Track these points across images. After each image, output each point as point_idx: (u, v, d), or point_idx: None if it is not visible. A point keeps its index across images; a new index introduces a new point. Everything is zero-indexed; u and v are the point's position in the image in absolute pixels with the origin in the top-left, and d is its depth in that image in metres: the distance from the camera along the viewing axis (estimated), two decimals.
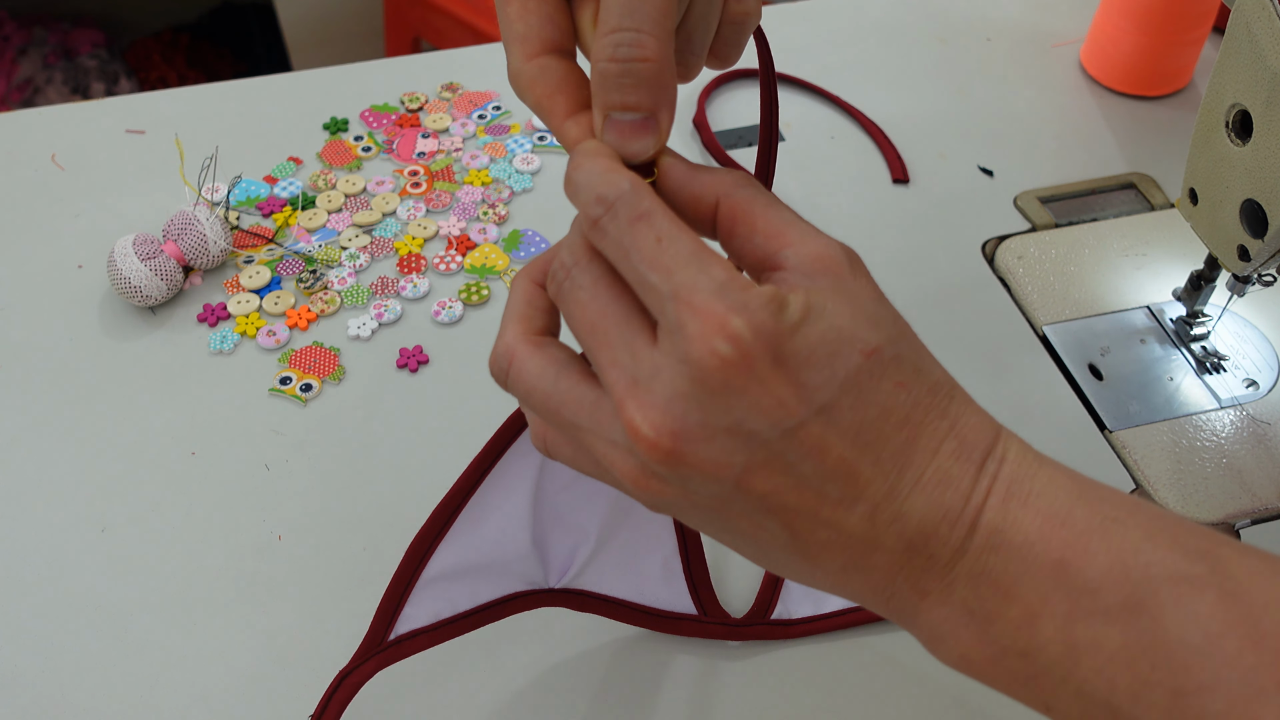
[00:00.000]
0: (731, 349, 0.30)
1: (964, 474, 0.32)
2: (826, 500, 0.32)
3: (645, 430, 0.32)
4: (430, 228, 0.67)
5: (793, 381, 0.31)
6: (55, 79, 1.72)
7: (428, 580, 0.46)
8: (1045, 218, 0.69)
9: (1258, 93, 0.47)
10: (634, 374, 0.32)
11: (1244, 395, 0.59)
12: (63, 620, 0.50)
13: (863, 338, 0.32)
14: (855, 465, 0.32)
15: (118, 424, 0.57)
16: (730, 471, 0.32)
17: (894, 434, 0.32)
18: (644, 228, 0.32)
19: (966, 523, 0.32)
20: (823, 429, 0.32)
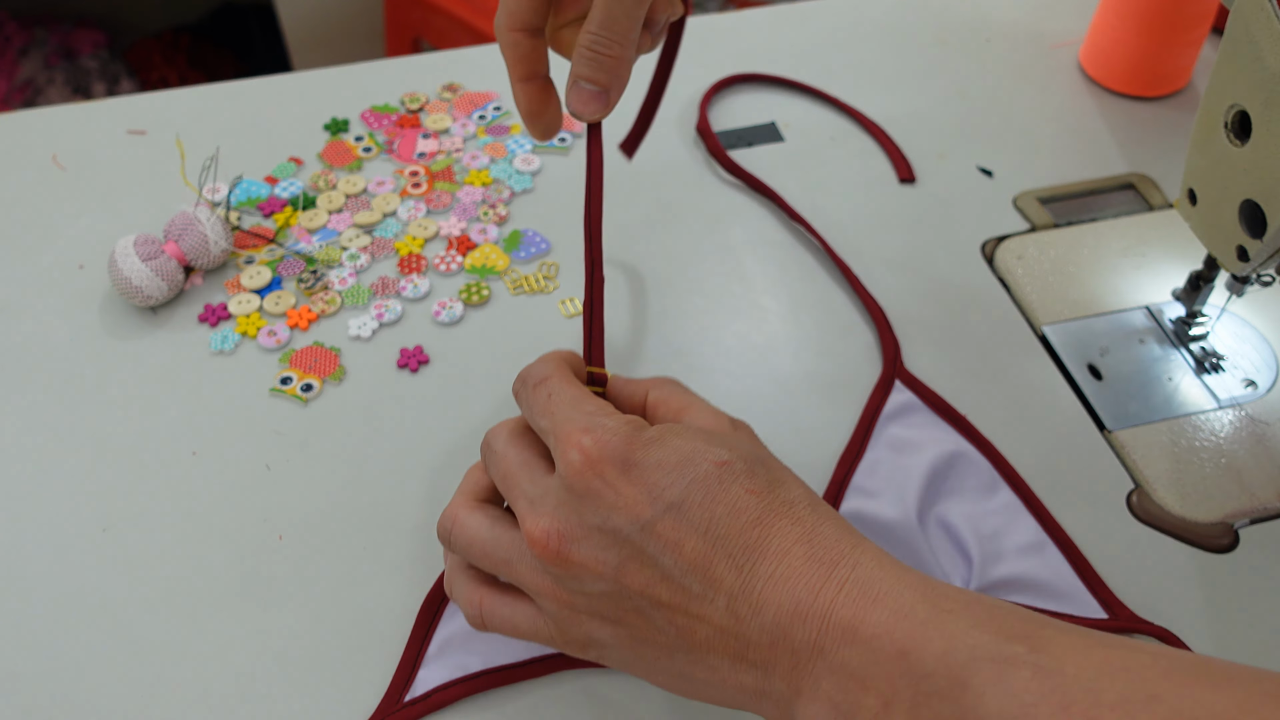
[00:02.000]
0: (581, 458, 0.39)
1: (814, 574, 0.37)
2: (691, 595, 0.38)
3: (537, 535, 0.39)
4: (430, 228, 0.67)
5: (641, 483, 0.39)
6: (57, 79, 1.72)
7: (441, 644, 0.48)
8: (1045, 218, 0.69)
9: (1257, 93, 0.47)
10: (531, 497, 0.41)
11: (1243, 395, 0.59)
12: (63, 620, 0.50)
13: (714, 452, 0.39)
14: (709, 559, 0.37)
15: (118, 424, 0.57)
16: (608, 567, 0.39)
17: (745, 531, 0.38)
18: (541, 389, 0.43)
19: (819, 618, 0.36)
20: (674, 524, 0.38)
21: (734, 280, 0.65)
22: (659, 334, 0.62)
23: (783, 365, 0.61)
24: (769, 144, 0.73)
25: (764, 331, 0.62)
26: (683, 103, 0.76)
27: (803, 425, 0.58)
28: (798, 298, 0.64)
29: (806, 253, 0.67)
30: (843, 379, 0.60)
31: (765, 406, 0.59)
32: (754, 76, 0.78)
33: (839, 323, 0.63)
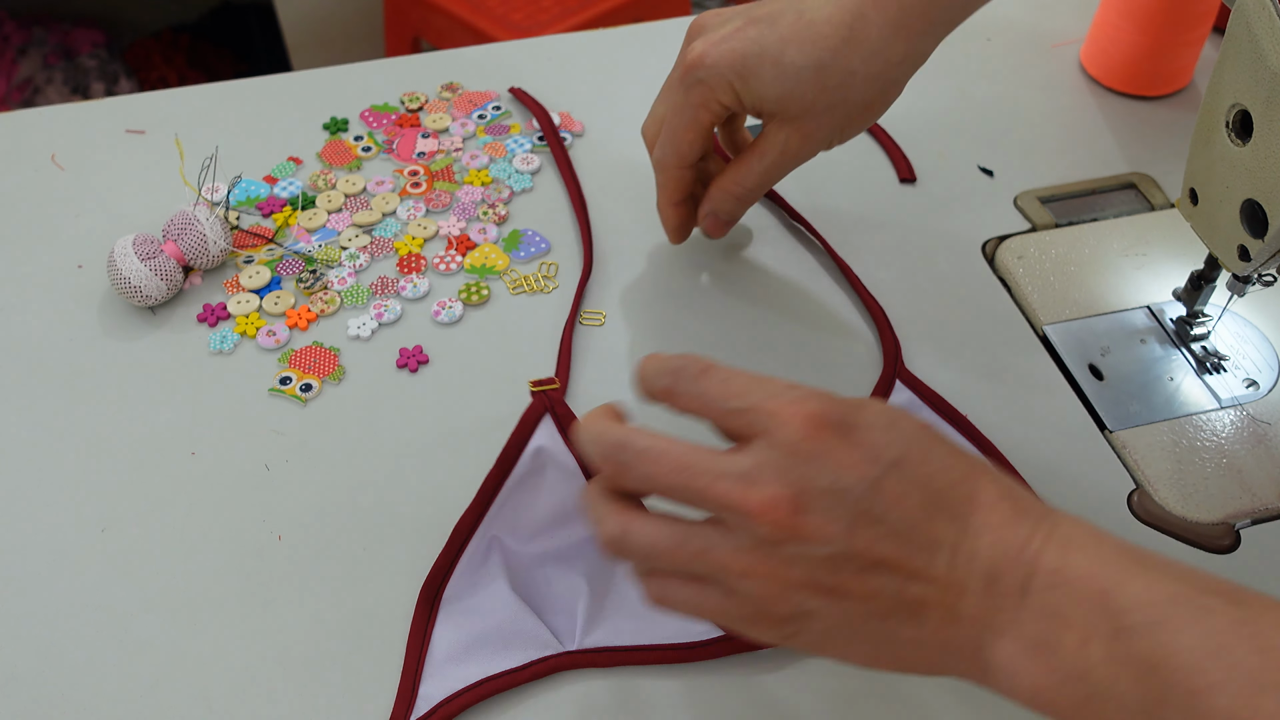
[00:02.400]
0: (804, 423, 0.39)
1: (1021, 526, 0.38)
2: (915, 548, 0.38)
3: (765, 503, 0.38)
4: (430, 228, 0.67)
5: (864, 444, 0.39)
6: (55, 79, 1.72)
7: (437, 663, 0.48)
8: (1045, 218, 0.69)
9: (1258, 93, 0.47)
10: (739, 473, 0.39)
11: (1244, 395, 0.59)
12: (63, 620, 0.50)
13: (912, 417, 0.41)
14: (931, 513, 0.39)
15: (118, 424, 0.57)
16: (839, 527, 0.38)
17: (956, 486, 0.39)
18: (711, 376, 0.41)
19: (1028, 563, 0.37)
20: (898, 481, 0.39)
21: (733, 280, 0.65)
22: (658, 333, 0.62)
23: (781, 365, 0.60)
24: None
25: (763, 331, 0.62)
26: None
27: None
28: (798, 297, 0.64)
29: (807, 252, 0.67)
30: (842, 378, 0.60)
31: None
32: None
33: (839, 322, 0.63)
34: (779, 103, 0.54)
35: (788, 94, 0.53)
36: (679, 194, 0.59)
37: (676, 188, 0.59)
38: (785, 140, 0.55)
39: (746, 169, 0.57)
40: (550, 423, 0.53)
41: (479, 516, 0.52)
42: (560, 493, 0.52)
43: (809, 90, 0.53)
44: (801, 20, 0.52)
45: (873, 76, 0.53)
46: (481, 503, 0.52)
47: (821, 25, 0.52)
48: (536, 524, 0.52)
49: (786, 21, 0.53)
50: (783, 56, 0.52)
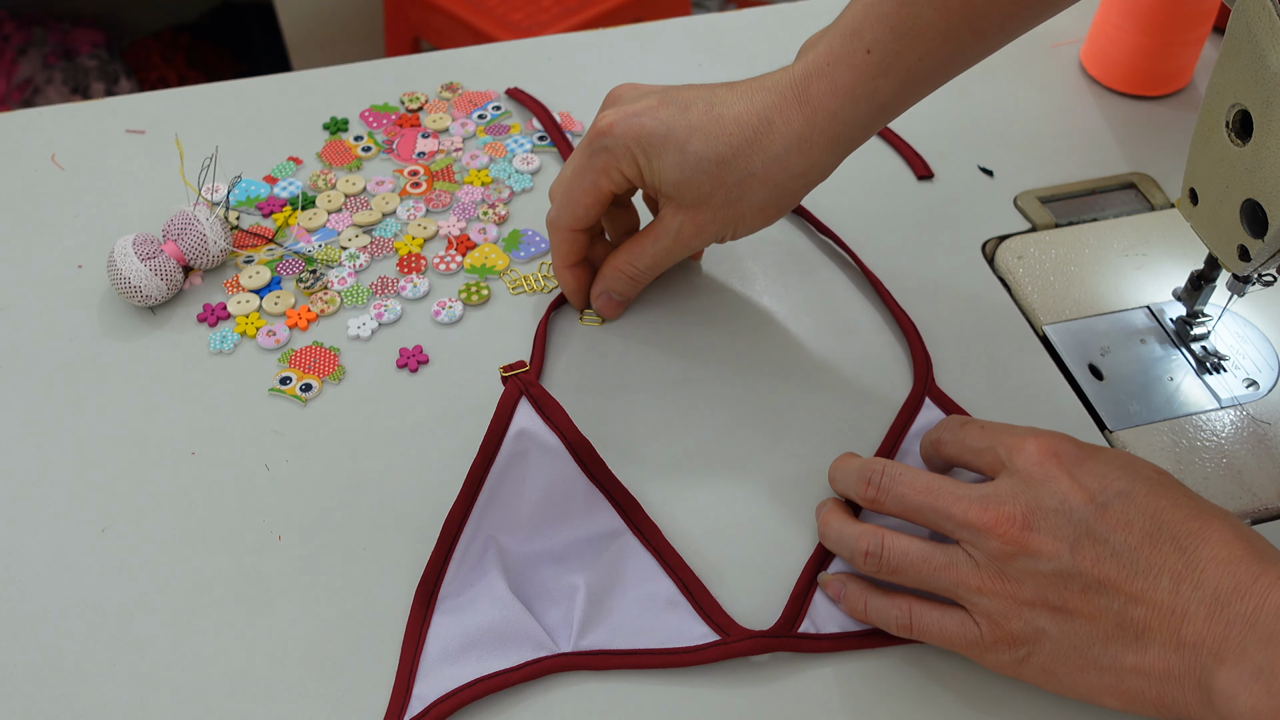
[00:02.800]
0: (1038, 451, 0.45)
1: (1255, 564, 0.40)
2: (1137, 571, 0.42)
3: (1001, 518, 0.44)
4: (430, 228, 0.67)
5: (1092, 474, 0.44)
6: (55, 79, 1.72)
7: (431, 662, 0.48)
8: (1045, 218, 0.69)
9: (1258, 93, 0.47)
10: (978, 495, 0.45)
11: (1244, 395, 0.59)
12: (63, 620, 0.50)
13: (1151, 466, 0.45)
14: (1155, 539, 0.42)
15: (118, 424, 0.57)
16: (1064, 544, 0.43)
17: (1187, 521, 0.42)
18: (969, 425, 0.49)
19: (1259, 595, 0.39)
20: (1123, 508, 0.43)
21: (744, 286, 0.65)
22: (658, 336, 0.62)
23: (798, 373, 0.60)
24: None
25: (776, 341, 0.62)
26: None
27: (827, 437, 0.58)
28: (819, 305, 0.64)
29: (832, 264, 0.67)
30: (865, 391, 0.59)
31: (792, 416, 0.59)
32: None
33: (863, 334, 0.62)
34: (677, 187, 0.54)
35: (686, 180, 0.53)
36: (572, 257, 0.59)
37: (570, 250, 0.59)
38: (680, 226, 0.56)
39: (640, 250, 0.58)
40: (528, 405, 0.53)
41: (467, 507, 0.51)
42: (548, 474, 0.52)
43: (707, 181, 0.53)
44: (712, 113, 0.53)
45: (771, 182, 0.54)
46: (468, 493, 0.51)
47: (729, 122, 0.53)
48: (529, 510, 0.52)
49: (697, 111, 0.53)
50: (688, 144, 0.53)
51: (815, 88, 0.52)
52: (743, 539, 0.53)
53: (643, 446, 0.57)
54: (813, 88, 0.52)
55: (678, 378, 0.60)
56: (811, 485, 0.55)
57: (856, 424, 0.58)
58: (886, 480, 0.48)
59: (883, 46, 0.51)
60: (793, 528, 0.53)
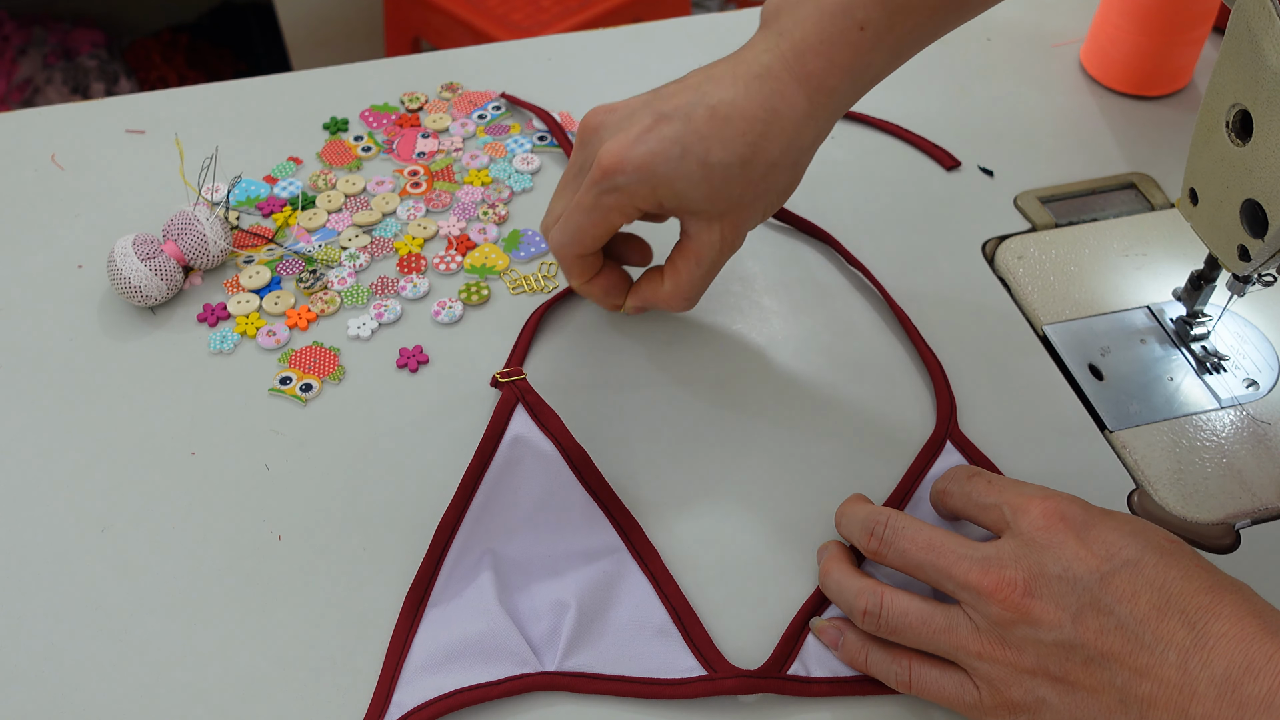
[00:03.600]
0: (1044, 515, 0.43)
1: (1269, 641, 0.38)
2: (1142, 645, 0.40)
3: (1002, 583, 0.42)
4: (430, 228, 0.67)
5: (1099, 541, 0.42)
6: (55, 79, 1.72)
7: (413, 671, 0.47)
8: (1045, 218, 0.69)
9: (1258, 93, 0.47)
10: (979, 557, 0.44)
11: (1244, 395, 0.59)
12: (63, 620, 0.50)
13: (1163, 533, 0.43)
14: (1163, 612, 0.40)
15: (118, 424, 0.57)
16: (1066, 614, 0.41)
17: (1198, 594, 0.40)
18: (978, 478, 0.48)
19: (1272, 677, 0.37)
20: (1130, 578, 0.41)
21: (755, 296, 0.65)
22: (657, 342, 0.62)
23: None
24: None
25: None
26: None
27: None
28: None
29: (855, 291, 0.66)
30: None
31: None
32: None
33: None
34: (707, 200, 0.52)
35: (715, 192, 0.52)
36: (589, 272, 0.57)
37: (583, 269, 0.56)
38: (719, 237, 0.53)
39: (687, 276, 0.55)
40: (524, 411, 0.53)
41: (460, 514, 0.51)
42: (543, 482, 0.52)
43: (736, 185, 0.52)
44: (716, 117, 0.50)
45: (790, 163, 0.53)
46: (461, 500, 0.51)
47: (738, 120, 0.51)
48: (524, 520, 0.52)
49: (700, 117, 0.51)
50: (708, 156, 0.50)
51: (812, 66, 0.51)
52: (742, 570, 0.52)
53: (645, 461, 0.57)
54: (809, 66, 0.51)
55: (687, 396, 0.60)
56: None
57: (871, 462, 0.56)
58: (889, 533, 0.47)
59: (876, 23, 0.51)
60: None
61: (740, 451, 0.56)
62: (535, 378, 0.59)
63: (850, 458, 0.56)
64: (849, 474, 0.56)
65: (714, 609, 0.50)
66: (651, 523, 0.53)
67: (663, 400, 0.59)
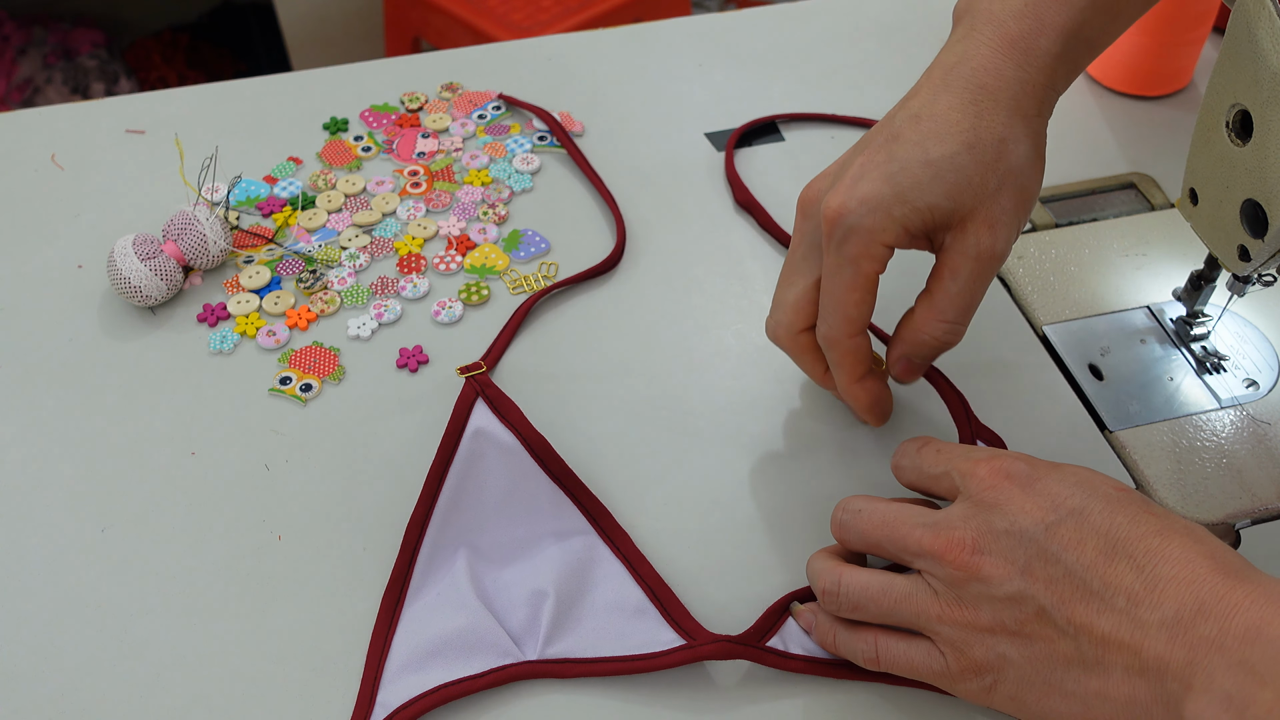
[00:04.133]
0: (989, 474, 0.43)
1: (1219, 581, 0.38)
2: (1090, 591, 0.40)
3: (951, 543, 0.43)
4: (430, 228, 0.67)
5: (1044, 494, 0.42)
6: (55, 79, 1.72)
7: (395, 670, 0.47)
8: (1045, 218, 0.69)
9: (1258, 93, 0.47)
10: (929, 522, 0.44)
11: (1244, 395, 0.59)
12: (63, 620, 0.50)
13: (1112, 482, 0.43)
14: (1110, 558, 0.40)
15: (118, 424, 0.57)
16: (1015, 567, 0.41)
17: (1146, 538, 0.40)
18: (928, 448, 0.48)
19: (1222, 617, 0.37)
20: (1076, 526, 0.41)
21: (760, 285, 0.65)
22: (657, 340, 0.62)
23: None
24: (769, 143, 0.73)
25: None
26: (688, 105, 0.76)
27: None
28: None
29: None
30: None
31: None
32: (770, 121, 0.78)
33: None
34: (949, 198, 0.47)
35: (954, 186, 0.47)
36: (861, 367, 0.52)
37: (856, 361, 0.51)
38: (975, 242, 0.48)
39: (943, 296, 0.49)
40: (483, 405, 0.54)
41: (428, 511, 0.51)
42: (508, 474, 0.52)
43: (972, 171, 0.47)
44: (920, 119, 0.48)
45: (1021, 136, 0.48)
46: (428, 496, 0.52)
47: (944, 112, 0.47)
48: (493, 512, 0.52)
49: (904, 128, 0.48)
50: (928, 154, 0.47)
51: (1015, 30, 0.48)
52: (722, 546, 0.52)
53: (632, 453, 0.57)
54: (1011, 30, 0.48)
55: (683, 392, 0.60)
56: (806, 507, 0.55)
57: (867, 460, 0.57)
58: (847, 516, 0.47)
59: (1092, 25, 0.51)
60: (780, 546, 0.53)
61: (734, 444, 0.56)
62: (520, 369, 0.59)
63: (845, 455, 0.56)
64: (845, 471, 0.56)
65: (693, 585, 0.51)
66: (634, 512, 0.53)
67: (656, 395, 0.59)
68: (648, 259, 0.66)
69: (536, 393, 0.58)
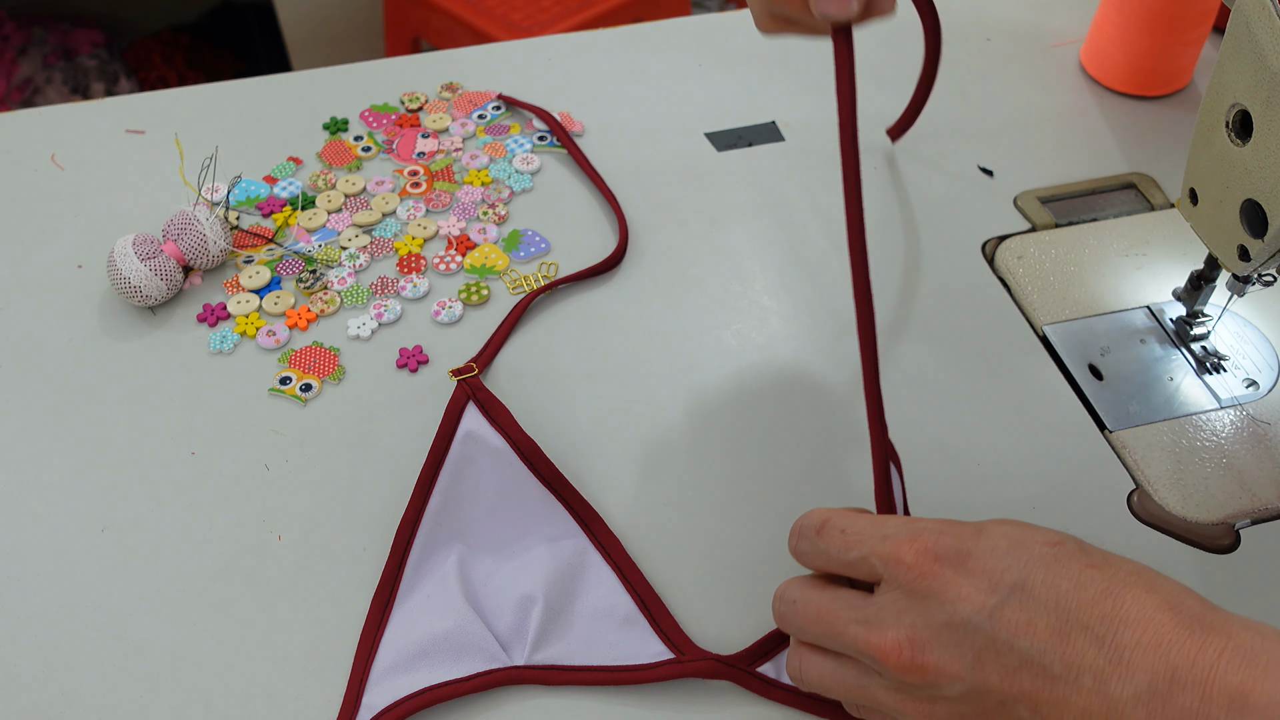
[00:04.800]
0: (916, 560, 0.39)
1: (1187, 640, 0.35)
2: (1053, 677, 0.37)
3: (888, 647, 0.39)
4: (430, 228, 0.67)
5: (979, 572, 0.38)
6: (55, 79, 1.72)
7: (382, 671, 0.47)
8: (1045, 218, 0.69)
9: (1258, 93, 0.47)
10: (863, 619, 0.40)
11: (1244, 395, 0.59)
12: (63, 620, 0.50)
13: (1042, 534, 0.39)
14: (1065, 634, 0.37)
15: (118, 424, 0.57)
16: (964, 665, 0.38)
17: (1098, 603, 0.37)
18: (828, 530, 0.43)
19: (1199, 685, 0.34)
20: (1021, 605, 0.37)
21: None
22: (656, 341, 0.62)
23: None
24: (769, 144, 0.73)
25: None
26: (688, 105, 0.76)
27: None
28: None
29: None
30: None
31: (784, 443, 0.59)
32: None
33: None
34: None
35: None
36: None
37: None
38: None
39: None
40: (474, 408, 0.54)
41: (419, 513, 0.51)
42: (498, 477, 0.52)
43: None
44: None
45: None
46: (419, 499, 0.52)
47: None
48: (484, 515, 0.52)
49: None
50: None
51: None
52: (712, 558, 0.52)
53: (624, 457, 0.57)
54: None
55: (680, 395, 0.60)
56: (805, 509, 0.55)
57: (864, 463, 0.57)
58: (784, 608, 0.44)
59: None
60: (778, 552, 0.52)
61: (733, 445, 0.56)
62: (519, 368, 0.59)
63: (846, 457, 0.56)
64: (846, 473, 0.56)
65: (682, 595, 0.51)
66: (628, 514, 0.53)
67: (655, 395, 0.59)
68: (647, 259, 0.66)
69: (534, 392, 0.58)
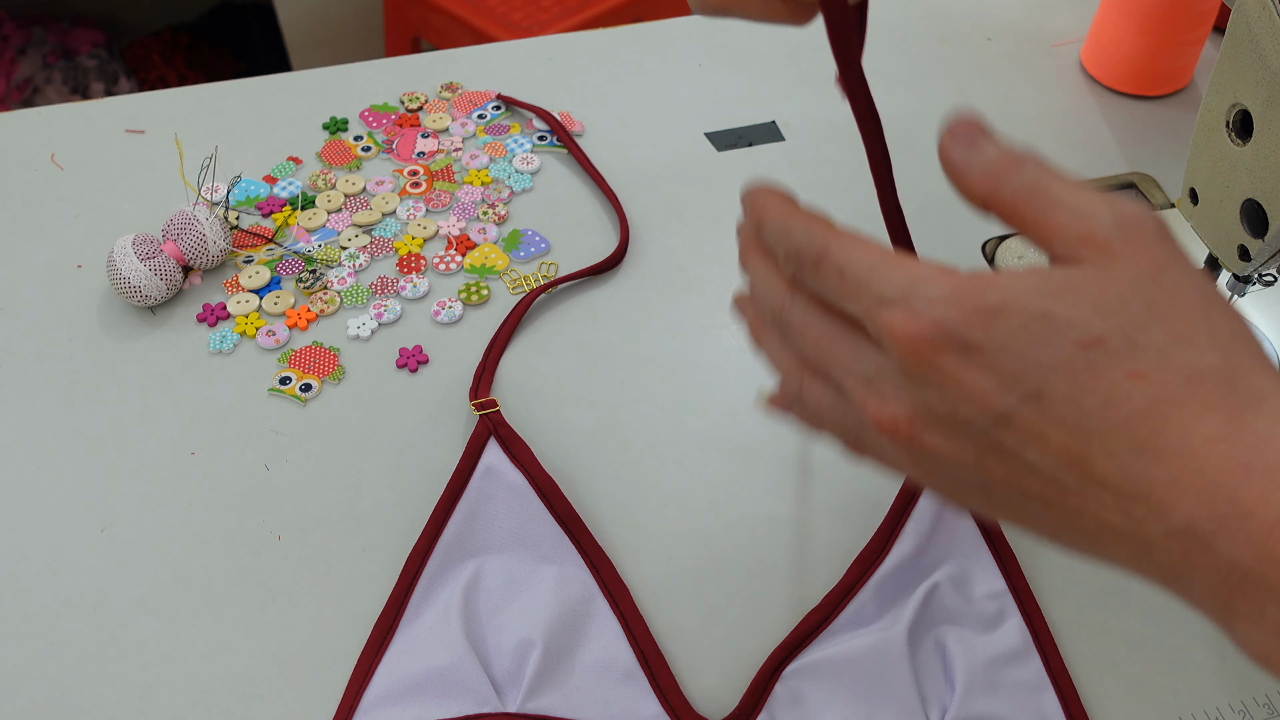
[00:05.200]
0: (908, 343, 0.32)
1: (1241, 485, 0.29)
2: (1068, 490, 0.31)
3: (885, 422, 0.33)
4: (430, 228, 0.67)
5: (988, 369, 0.31)
6: (55, 79, 1.72)
7: (374, 699, 0.46)
8: None
9: (1258, 93, 0.47)
10: (866, 377, 0.34)
11: None
12: (63, 620, 0.50)
13: (1081, 325, 0.31)
14: (1084, 454, 0.30)
15: (118, 424, 0.57)
16: (966, 457, 0.32)
17: (1130, 427, 0.30)
18: (824, 267, 0.35)
19: (1255, 541, 0.29)
20: (1034, 417, 0.31)
21: None
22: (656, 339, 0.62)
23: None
24: (769, 144, 0.73)
25: None
26: (688, 105, 0.76)
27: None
28: None
29: None
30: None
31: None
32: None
33: None
34: None
35: None
36: None
37: None
38: None
39: None
40: (495, 444, 0.53)
41: (431, 543, 0.51)
42: (514, 514, 0.52)
43: None
44: None
45: None
46: (433, 529, 0.51)
47: None
48: (496, 551, 0.51)
49: None
50: None
51: None
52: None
53: (625, 481, 0.57)
54: None
55: (668, 385, 0.60)
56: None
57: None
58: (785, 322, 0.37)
59: None
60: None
61: (733, 445, 0.56)
62: (518, 367, 0.59)
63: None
64: (847, 474, 0.56)
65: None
66: (624, 552, 0.53)
67: (655, 395, 0.59)
68: (647, 259, 0.66)
69: (534, 392, 0.58)
